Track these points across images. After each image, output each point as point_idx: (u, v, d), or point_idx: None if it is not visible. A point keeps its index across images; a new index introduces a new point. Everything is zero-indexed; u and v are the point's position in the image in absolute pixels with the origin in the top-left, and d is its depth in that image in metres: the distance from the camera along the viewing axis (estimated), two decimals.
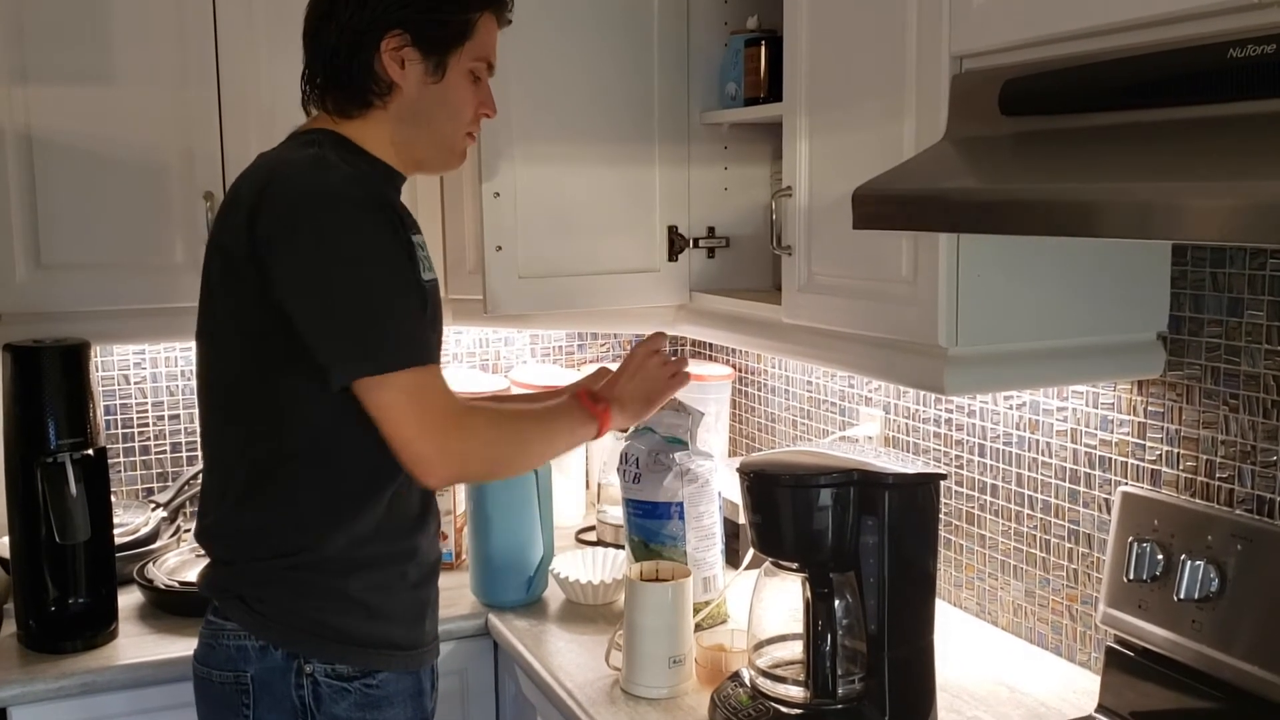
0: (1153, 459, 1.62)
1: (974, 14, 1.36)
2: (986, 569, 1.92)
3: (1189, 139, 1.08)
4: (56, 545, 1.88)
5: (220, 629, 1.52)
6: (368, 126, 1.54)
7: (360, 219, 1.40)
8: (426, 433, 1.40)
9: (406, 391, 1.39)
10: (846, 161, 1.61)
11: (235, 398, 1.50)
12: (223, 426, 1.54)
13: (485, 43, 1.57)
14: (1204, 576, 1.44)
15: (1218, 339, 1.53)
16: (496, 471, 1.61)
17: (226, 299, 1.48)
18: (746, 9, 2.10)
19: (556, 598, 2.10)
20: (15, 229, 2.00)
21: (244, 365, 1.48)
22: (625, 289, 2.13)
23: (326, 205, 1.39)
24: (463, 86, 1.55)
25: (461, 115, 1.57)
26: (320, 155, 1.45)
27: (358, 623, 1.51)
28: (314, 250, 1.39)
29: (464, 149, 1.62)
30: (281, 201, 1.40)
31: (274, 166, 1.47)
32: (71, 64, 2.00)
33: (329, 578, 1.50)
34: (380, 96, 1.52)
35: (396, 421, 1.40)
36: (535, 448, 1.60)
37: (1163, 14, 1.12)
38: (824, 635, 1.49)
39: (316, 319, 1.40)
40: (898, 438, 2.10)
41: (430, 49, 1.51)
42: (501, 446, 1.52)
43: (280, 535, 1.49)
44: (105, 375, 2.42)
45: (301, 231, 1.39)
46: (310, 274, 1.39)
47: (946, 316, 1.45)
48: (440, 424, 1.41)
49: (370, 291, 1.39)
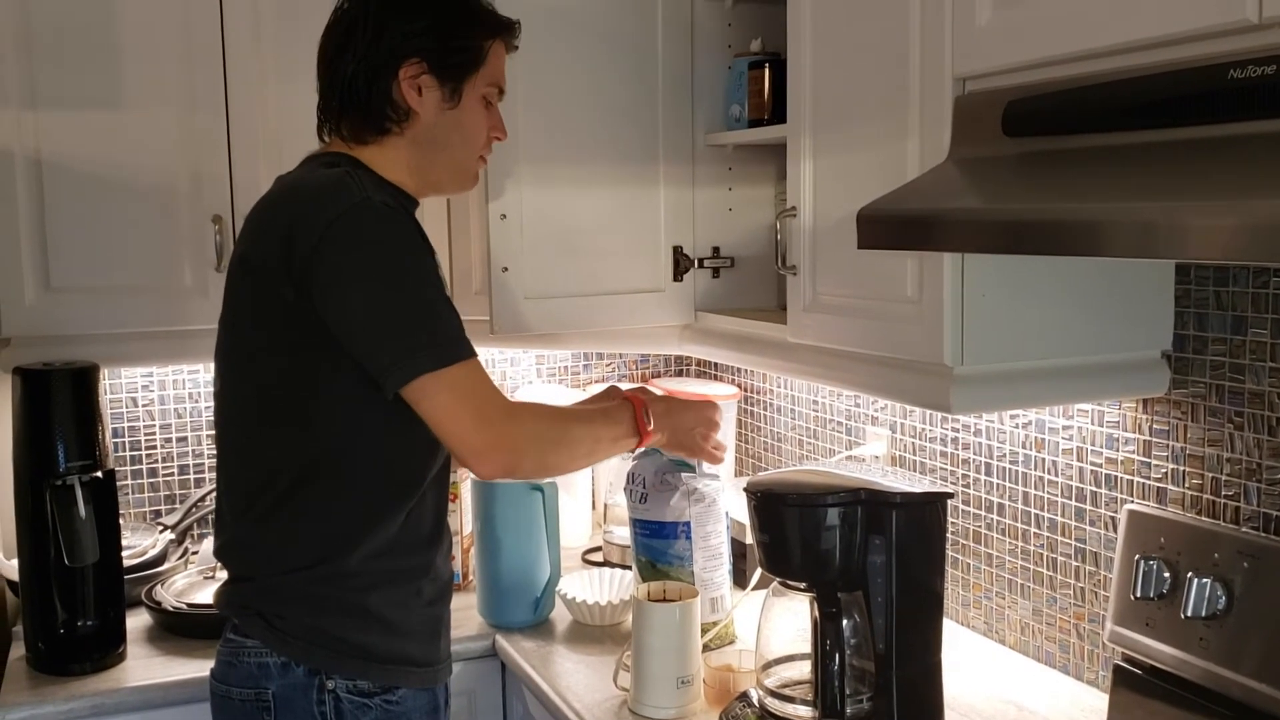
0: (1158, 477, 1.62)
1: (976, 36, 1.37)
2: (994, 588, 1.92)
3: (1191, 159, 1.09)
4: (65, 567, 1.89)
5: (240, 646, 1.53)
6: (384, 152, 1.57)
7: (394, 229, 1.45)
8: (484, 423, 1.44)
9: (458, 386, 1.43)
10: (851, 182, 1.62)
11: (260, 414, 1.53)
12: (246, 444, 1.55)
13: (496, 68, 1.62)
14: (1211, 594, 1.44)
15: (1222, 357, 1.53)
16: (547, 463, 1.60)
17: (258, 319, 1.50)
18: (750, 32, 2.11)
19: (564, 618, 2.10)
20: (25, 252, 2.01)
21: (272, 382, 1.50)
22: (631, 309, 2.14)
23: (362, 218, 1.43)
24: (477, 111, 1.60)
25: (476, 139, 1.62)
26: (346, 173, 1.49)
27: (377, 639, 1.53)
28: (356, 262, 1.43)
29: (477, 171, 1.67)
30: (318, 218, 1.43)
31: (302, 186, 1.51)
32: (81, 89, 2.02)
33: (348, 593, 1.52)
34: (398, 123, 1.56)
35: (454, 415, 1.43)
36: (582, 447, 1.61)
37: (1164, 36, 1.13)
38: (832, 655, 1.49)
39: (366, 327, 1.43)
40: (904, 457, 2.10)
41: (447, 76, 1.56)
42: (550, 439, 1.55)
43: (301, 550, 1.51)
44: (114, 398, 2.43)
45: (340, 245, 1.42)
46: (355, 285, 1.43)
47: (952, 336, 1.45)
48: (493, 414, 1.45)
49: (415, 294, 1.44)
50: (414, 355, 1.41)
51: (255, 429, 1.54)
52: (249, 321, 1.52)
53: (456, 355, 1.43)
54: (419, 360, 1.41)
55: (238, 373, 1.56)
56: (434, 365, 1.41)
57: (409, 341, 1.42)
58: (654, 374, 2.85)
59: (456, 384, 1.43)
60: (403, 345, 1.42)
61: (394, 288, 1.44)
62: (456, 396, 1.43)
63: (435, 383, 1.42)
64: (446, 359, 1.42)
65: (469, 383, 1.44)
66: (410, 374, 1.41)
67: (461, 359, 1.43)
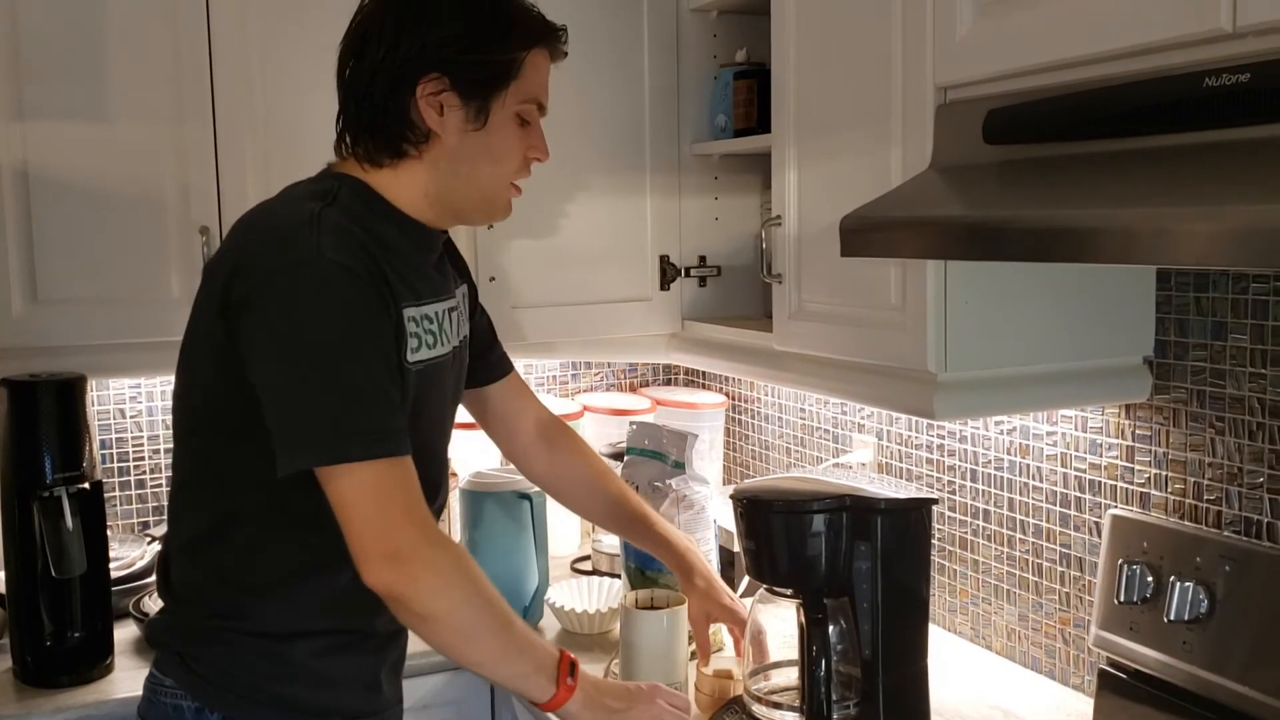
0: (1141, 482, 1.63)
1: (957, 46, 1.39)
2: (980, 593, 1.93)
3: (1168, 166, 1.10)
4: (53, 579, 1.88)
5: (159, 684, 1.43)
6: (399, 177, 1.41)
7: (337, 293, 1.28)
8: (392, 529, 1.27)
9: (363, 485, 1.27)
10: (835, 191, 1.63)
11: (193, 449, 1.43)
12: (177, 475, 1.46)
13: (534, 82, 1.42)
14: (1194, 598, 1.45)
15: (1203, 363, 1.55)
16: (436, 622, 1.31)
17: (196, 351, 1.40)
18: (735, 42, 2.13)
19: (552, 627, 2.11)
20: (11, 264, 2.01)
21: (203, 422, 1.40)
22: (618, 318, 2.15)
23: (300, 277, 1.28)
24: (508, 131, 1.41)
25: (506, 163, 1.43)
26: (316, 214, 1.32)
27: (303, 690, 1.41)
28: (280, 324, 1.28)
29: (508, 200, 1.48)
30: (259, 266, 1.30)
31: (264, 221, 1.37)
32: (68, 100, 2.02)
33: (268, 642, 1.39)
34: (416, 145, 1.38)
35: (349, 514, 1.27)
36: (484, 637, 1.34)
37: (1140, 45, 1.15)
38: (819, 661, 1.50)
39: (274, 397, 1.29)
40: (890, 464, 2.11)
41: (471, 93, 1.37)
42: (457, 596, 1.31)
43: (218, 594, 1.39)
44: (101, 409, 2.42)
45: (271, 302, 1.28)
46: (273, 349, 1.28)
47: (935, 342, 1.47)
48: (397, 522, 1.28)
49: (332, 374, 1.27)
50: (308, 443, 1.27)
51: (185, 464, 1.44)
52: (188, 354, 1.41)
53: (362, 451, 1.26)
54: (312, 451, 1.27)
55: (181, 384, 1.44)
56: (327, 459, 1.26)
57: (309, 427, 1.27)
58: (642, 383, 2.86)
59: (359, 483, 1.26)
60: (299, 431, 1.27)
61: (311, 363, 1.27)
62: (357, 495, 1.27)
63: (335, 475, 1.27)
64: (344, 455, 1.26)
65: (374, 482, 1.27)
66: (300, 463, 1.27)
67: (372, 456, 1.26)
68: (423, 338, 1.40)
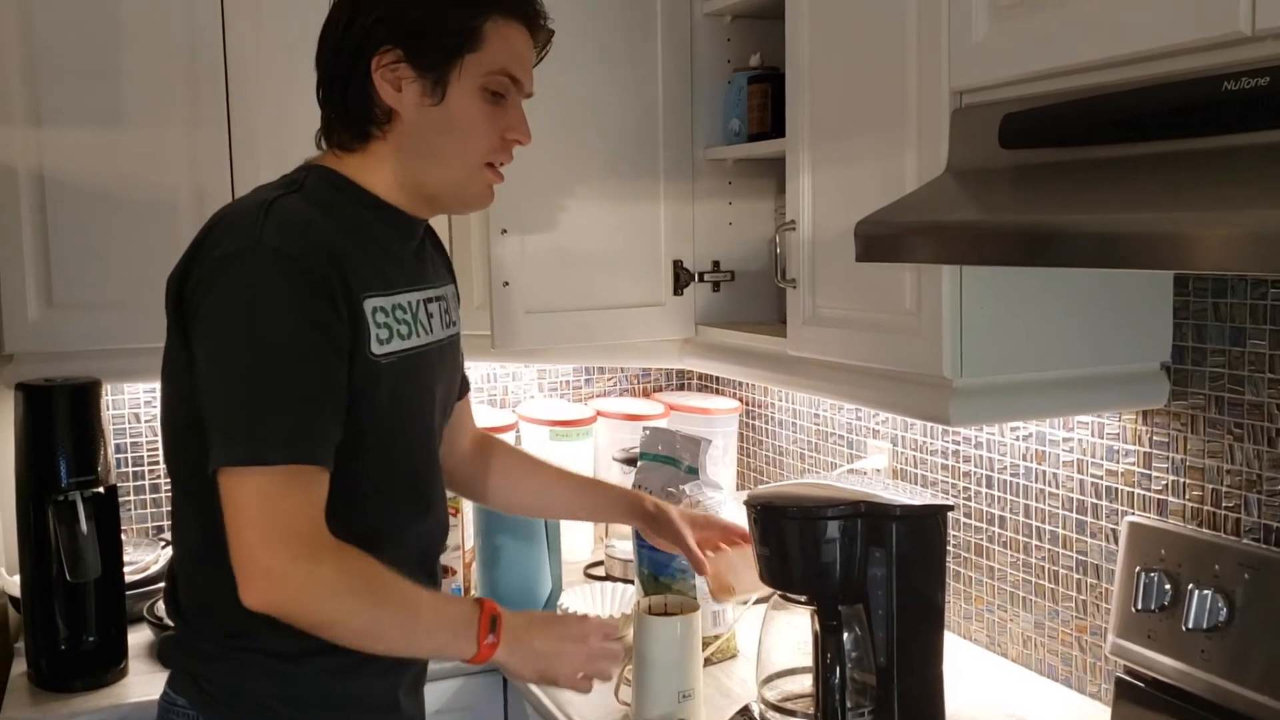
0: (1159, 489, 1.62)
1: (972, 50, 1.38)
2: (995, 601, 1.92)
3: (1186, 171, 1.09)
4: (68, 583, 1.89)
5: (172, 704, 1.40)
6: (369, 162, 1.37)
7: (270, 283, 1.23)
8: (268, 545, 1.20)
9: (261, 491, 1.20)
10: (849, 195, 1.63)
11: (184, 464, 1.37)
12: (175, 494, 1.42)
13: (501, 53, 1.35)
14: (1212, 606, 1.44)
15: (1221, 368, 1.53)
16: (324, 618, 1.26)
17: (170, 363, 1.36)
18: (749, 47, 2.12)
19: None
20: (28, 269, 2.02)
21: (190, 436, 1.32)
22: (631, 323, 2.14)
23: (244, 265, 1.24)
24: (471, 106, 1.35)
25: (472, 140, 1.37)
26: (269, 202, 1.29)
27: (317, 712, 1.38)
28: (220, 317, 1.24)
29: (485, 184, 1.41)
30: (208, 255, 1.27)
31: (217, 217, 1.34)
32: (84, 105, 2.03)
33: (279, 662, 1.36)
34: (379, 125, 1.34)
35: (240, 522, 1.21)
36: (392, 634, 1.30)
37: (1158, 48, 1.14)
38: (833, 668, 1.49)
39: (208, 393, 1.25)
40: (905, 470, 2.10)
41: (426, 65, 1.32)
42: (342, 593, 1.25)
43: (226, 613, 1.30)
44: (116, 414, 2.43)
45: (214, 294, 1.25)
46: (210, 343, 1.25)
47: (951, 348, 1.46)
48: (276, 538, 1.21)
49: (264, 370, 1.22)
50: (228, 440, 1.21)
51: (177, 474, 1.40)
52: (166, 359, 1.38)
53: (276, 455, 1.20)
54: (222, 448, 1.21)
55: (164, 400, 1.39)
56: (234, 458, 1.20)
57: (231, 422, 1.22)
58: (655, 388, 2.85)
59: (256, 489, 1.20)
60: (225, 424, 1.22)
61: (243, 356, 1.22)
62: (251, 502, 1.20)
63: (234, 479, 1.21)
64: (256, 455, 1.20)
65: (274, 491, 1.20)
66: (216, 460, 1.22)
67: (278, 461, 1.20)
68: (394, 328, 1.35)
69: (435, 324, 1.46)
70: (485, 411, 2.64)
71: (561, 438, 2.54)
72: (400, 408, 1.38)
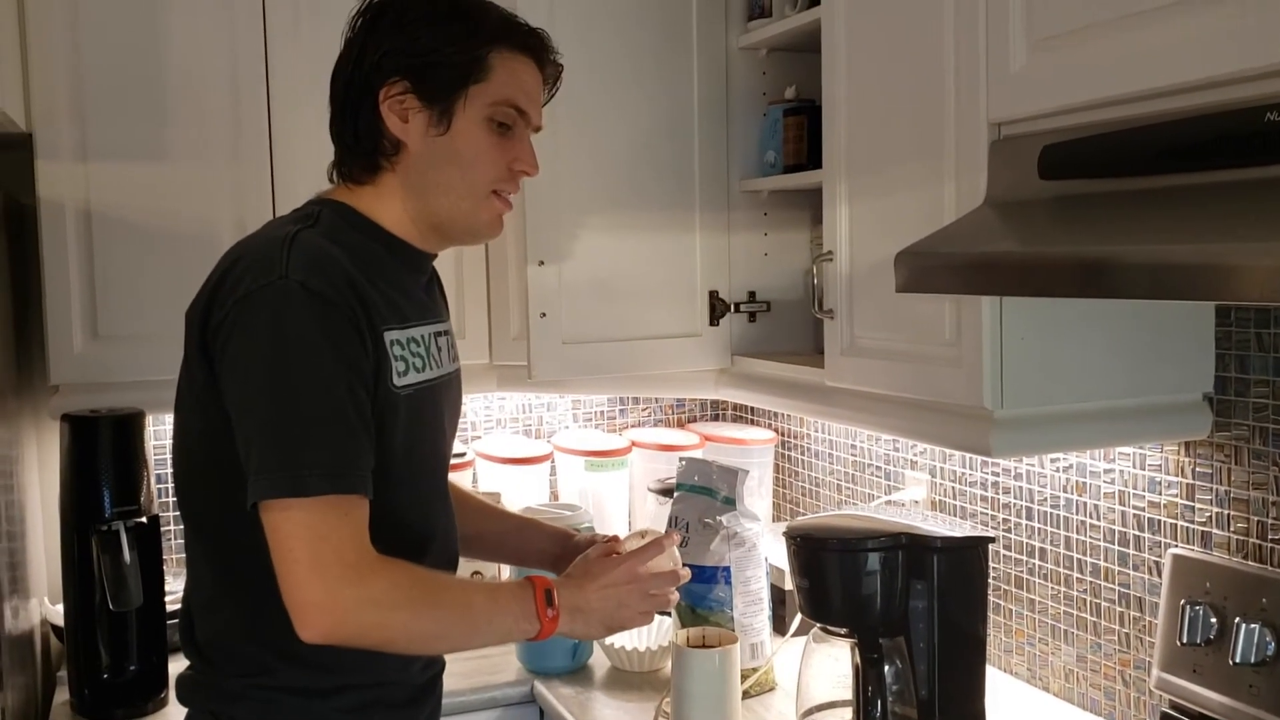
0: (1202, 520, 1.60)
1: (1011, 81, 1.38)
2: (1037, 634, 1.90)
3: (1227, 201, 1.09)
4: (110, 612, 1.91)
5: None
6: (380, 195, 1.38)
7: (301, 320, 1.24)
8: (317, 575, 1.21)
9: (306, 524, 1.21)
10: (887, 226, 1.63)
11: (200, 499, 1.37)
12: (187, 530, 1.41)
13: (507, 84, 1.36)
14: (1260, 640, 1.42)
15: (1265, 399, 1.52)
16: (384, 635, 1.27)
17: (186, 398, 1.36)
18: (785, 79, 2.14)
19: (602, 664, 2.10)
20: (74, 301, 2.05)
21: (209, 471, 1.33)
22: (667, 354, 2.15)
23: (267, 301, 1.24)
24: (477, 137, 1.36)
25: (477, 170, 1.37)
26: (291, 236, 1.30)
27: None
28: (248, 352, 1.25)
29: (494, 214, 1.41)
30: (231, 292, 1.27)
31: (238, 251, 1.34)
32: (129, 141, 2.07)
33: (299, 699, 1.34)
34: (387, 157, 1.36)
35: (288, 556, 1.21)
36: (447, 624, 1.31)
37: (1199, 79, 1.14)
38: (874, 702, 1.48)
39: (242, 426, 1.25)
40: (944, 501, 2.09)
41: (433, 95, 1.34)
42: (395, 604, 1.26)
43: (246, 650, 1.33)
44: (158, 444, 2.45)
45: (236, 328, 1.25)
46: (238, 375, 1.26)
47: (991, 379, 1.45)
48: (334, 568, 1.21)
49: (292, 403, 1.23)
50: (268, 473, 1.21)
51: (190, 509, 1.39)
52: (181, 395, 1.37)
53: (318, 486, 1.20)
54: (263, 481, 1.21)
55: (178, 435, 1.39)
56: (277, 492, 1.20)
57: (270, 455, 1.22)
58: (690, 419, 2.85)
59: (302, 522, 1.20)
60: (263, 456, 1.22)
61: (272, 391, 1.23)
62: (298, 535, 1.20)
63: (278, 513, 1.21)
64: (298, 488, 1.20)
65: (318, 523, 1.21)
66: (256, 494, 1.22)
67: (321, 492, 1.21)
68: (410, 360, 1.36)
69: (444, 357, 1.47)
70: (520, 442, 2.65)
71: (597, 468, 2.54)
72: (415, 439, 1.38)
